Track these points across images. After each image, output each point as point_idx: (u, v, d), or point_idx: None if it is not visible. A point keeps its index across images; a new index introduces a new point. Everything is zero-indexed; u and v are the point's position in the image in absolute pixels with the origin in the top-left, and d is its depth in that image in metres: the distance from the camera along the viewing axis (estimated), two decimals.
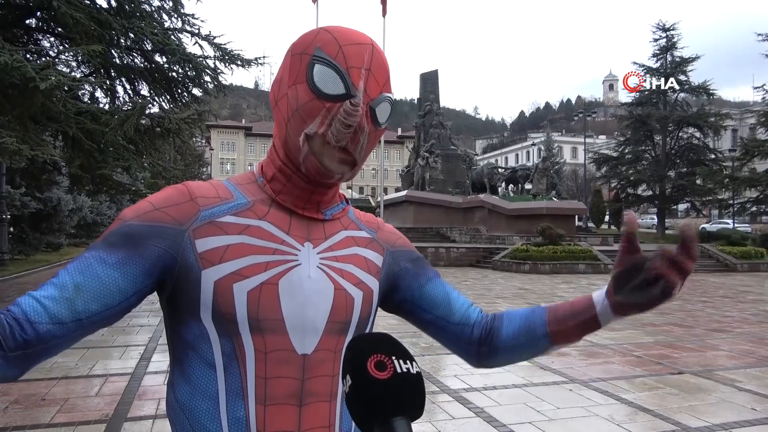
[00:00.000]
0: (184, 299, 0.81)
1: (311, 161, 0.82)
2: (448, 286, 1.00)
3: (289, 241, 0.85)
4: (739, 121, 55.78)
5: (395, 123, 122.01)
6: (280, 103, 0.85)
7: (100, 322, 0.77)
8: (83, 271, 0.75)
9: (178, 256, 0.80)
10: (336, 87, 0.80)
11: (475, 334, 0.97)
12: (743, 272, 20.37)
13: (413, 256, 1.00)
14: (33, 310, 0.72)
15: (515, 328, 0.95)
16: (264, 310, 0.80)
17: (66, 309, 0.73)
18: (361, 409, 0.62)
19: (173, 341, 0.86)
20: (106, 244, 0.78)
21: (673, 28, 39.28)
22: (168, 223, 0.80)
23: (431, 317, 0.97)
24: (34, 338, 0.71)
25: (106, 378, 5.03)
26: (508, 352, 0.96)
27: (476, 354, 0.98)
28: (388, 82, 0.85)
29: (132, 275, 0.77)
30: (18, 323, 0.71)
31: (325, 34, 0.82)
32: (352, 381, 0.63)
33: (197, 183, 0.88)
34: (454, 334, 0.97)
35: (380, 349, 0.65)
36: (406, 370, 0.64)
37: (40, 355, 0.73)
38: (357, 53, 0.81)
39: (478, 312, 1.00)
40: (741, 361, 6.12)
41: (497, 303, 10.80)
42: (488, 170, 33.61)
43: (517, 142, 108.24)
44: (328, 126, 0.80)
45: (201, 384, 0.81)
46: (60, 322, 0.72)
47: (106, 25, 9.18)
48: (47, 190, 18.41)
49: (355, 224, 0.96)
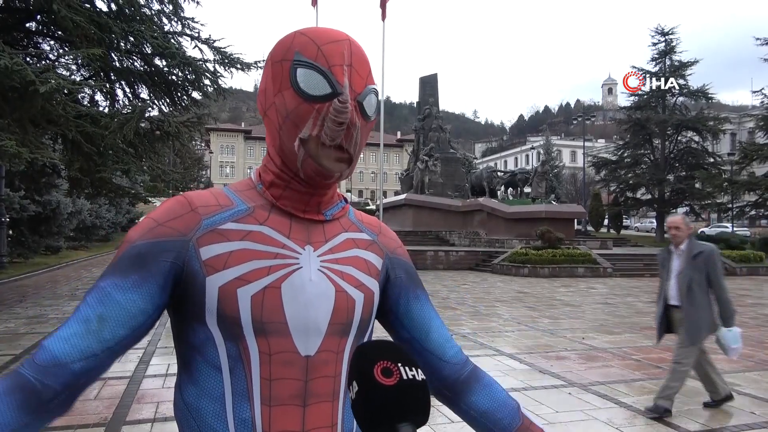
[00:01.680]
0: (189, 305, 0.83)
1: (309, 164, 0.83)
2: (434, 312, 1.00)
3: (290, 245, 0.86)
4: (737, 125, 55.88)
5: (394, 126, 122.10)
6: (269, 112, 0.86)
7: (129, 344, 0.79)
8: (103, 301, 0.77)
9: (185, 265, 0.82)
10: (322, 87, 0.81)
11: (446, 373, 0.96)
12: (742, 276, 20.34)
13: (409, 270, 1.01)
14: (62, 352, 0.73)
15: (484, 406, 0.95)
16: (267, 313, 0.82)
17: (95, 341, 0.75)
18: (367, 415, 0.63)
19: (180, 345, 0.88)
20: (119, 269, 0.80)
21: (672, 32, 39.40)
22: (172, 236, 0.82)
23: (408, 336, 0.97)
24: (70, 379, 0.73)
25: (105, 381, 5.02)
26: (464, 415, 0.96)
27: (436, 390, 0.97)
28: (370, 74, 0.86)
29: (149, 294, 0.79)
30: (47, 372, 0.72)
31: (301, 37, 0.83)
32: (358, 387, 0.64)
33: (197, 193, 0.89)
34: (425, 361, 0.96)
35: (386, 355, 0.66)
36: (412, 377, 0.65)
37: (82, 389, 0.76)
38: (336, 51, 0.82)
39: (456, 351, 0.98)
40: (740, 365, 6.12)
41: (496, 306, 10.80)
42: (487, 174, 33.58)
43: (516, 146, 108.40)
44: (320, 127, 0.81)
45: (207, 386, 0.83)
46: (92, 355, 0.74)
47: (106, 29, 9.19)
48: (46, 193, 18.40)
49: (356, 226, 0.97)
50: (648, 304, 11.71)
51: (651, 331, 8.27)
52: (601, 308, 10.90)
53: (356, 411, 0.64)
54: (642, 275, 19.34)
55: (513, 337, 7.62)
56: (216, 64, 11.12)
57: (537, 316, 9.68)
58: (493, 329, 8.16)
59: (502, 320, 9.12)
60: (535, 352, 6.65)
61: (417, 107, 40.00)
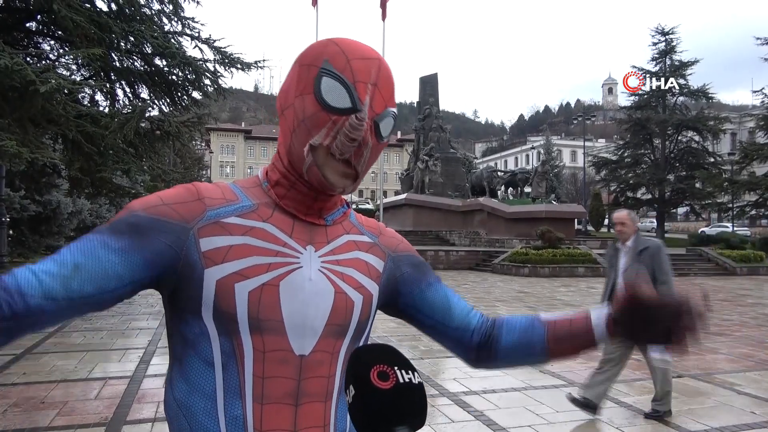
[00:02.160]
0: (185, 297, 0.82)
1: (314, 172, 0.83)
2: (449, 290, 1.01)
3: (291, 243, 0.86)
4: (738, 125, 55.88)
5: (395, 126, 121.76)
6: (287, 112, 0.86)
7: (91, 305, 0.77)
8: (85, 252, 0.76)
9: (182, 253, 0.81)
10: (342, 100, 0.81)
11: (474, 340, 0.99)
12: (742, 276, 20.36)
13: (415, 261, 1.01)
14: (27, 283, 0.72)
15: (514, 340, 0.97)
16: (264, 310, 0.81)
17: (61, 286, 0.73)
18: (364, 419, 0.63)
19: (173, 339, 0.87)
20: (112, 230, 0.79)
21: (672, 31, 39.39)
22: (174, 219, 0.82)
23: (432, 322, 0.99)
24: (23, 311, 0.71)
25: (106, 381, 5.03)
26: (505, 360, 0.99)
27: (475, 358, 1.00)
28: (392, 97, 0.86)
29: (132, 264, 0.78)
30: (9, 294, 0.71)
31: (334, 47, 0.83)
32: (355, 391, 0.64)
33: (205, 184, 0.89)
34: (454, 338, 0.99)
35: (383, 359, 0.66)
36: (409, 381, 0.65)
37: (26, 329, 0.74)
38: (364, 68, 0.82)
39: (479, 317, 1.01)
40: (740, 365, 6.12)
41: (496, 306, 10.80)
42: (488, 173, 33.60)
43: (516, 146, 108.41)
44: (333, 138, 0.81)
45: (199, 382, 0.82)
46: (52, 298, 0.73)
47: (106, 29, 9.19)
48: (47, 193, 18.41)
49: (357, 228, 0.97)
50: None
51: None
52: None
53: (353, 415, 0.64)
54: None
55: None
56: (216, 64, 11.12)
57: None
58: None
59: None
60: None
61: (417, 107, 40.00)
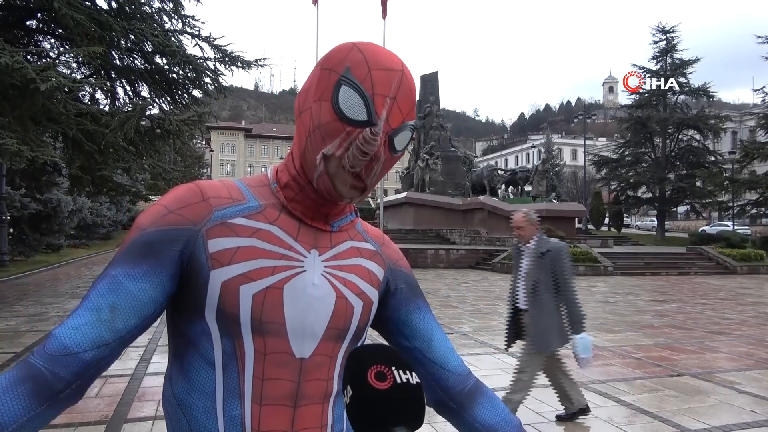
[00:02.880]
0: (190, 297, 0.82)
1: (324, 181, 0.83)
2: (435, 323, 1.00)
3: (296, 247, 0.86)
4: (738, 124, 55.81)
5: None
6: (304, 115, 0.85)
7: (139, 332, 0.80)
8: (114, 290, 0.77)
9: (192, 255, 0.81)
10: (359, 113, 0.79)
11: (450, 383, 0.95)
12: (743, 274, 20.35)
13: (410, 281, 1.01)
14: (73, 342, 0.73)
15: (491, 421, 0.94)
16: (267, 313, 0.82)
17: (107, 331, 0.75)
18: (362, 418, 0.63)
19: (174, 337, 0.88)
20: (130, 257, 0.79)
21: (673, 30, 39.37)
22: (183, 225, 0.82)
23: (410, 346, 0.96)
24: (81, 368, 0.73)
25: (106, 379, 5.03)
26: (467, 428, 0.95)
27: (441, 400, 0.96)
28: (412, 110, 0.84)
29: (160, 283, 0.79)
30: (57, 361, 0.72)
31: (357, 54, 0.81)
32: (353, 392, 0.64)
33: (209, 182, 0.89)
34: (428, 371, 0.96)
35: (380, 360, 0.66)
36: (406, 381, 0.64)
37: (93, 378, 0.76)
38: (385, 80, 0.80)
39: (459, 362, 0.98)
40: (740, 364, 6.12)
41: (497, 305, 10.80)
42: (488, 172, 33.60)
43: (516, 144, 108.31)
44: (345, 150, 0.80)
45: (199, 381, 0.83)
46: (104, 345, 0.75)
47: (107, 27, 9.19)
48: (47, 192, 18.41)
49: (361, 236, 0.97)
50: (649, 303, 11.72)
51: (652, 329, 8.28)
52: (602, 307, 10.90)
53: (351, 415, 0.63)
54: (643, 274, 19.34)
55: None
56: (216, 62, 11.13)
57: None
58: (494, 328, 8.15)
59: (503, 319, 9.10)
60: None
61: (418, 105, 39.96)
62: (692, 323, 9.02)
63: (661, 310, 10.64)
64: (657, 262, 21.28)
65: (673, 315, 9.90)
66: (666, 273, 19.91)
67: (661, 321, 9.16)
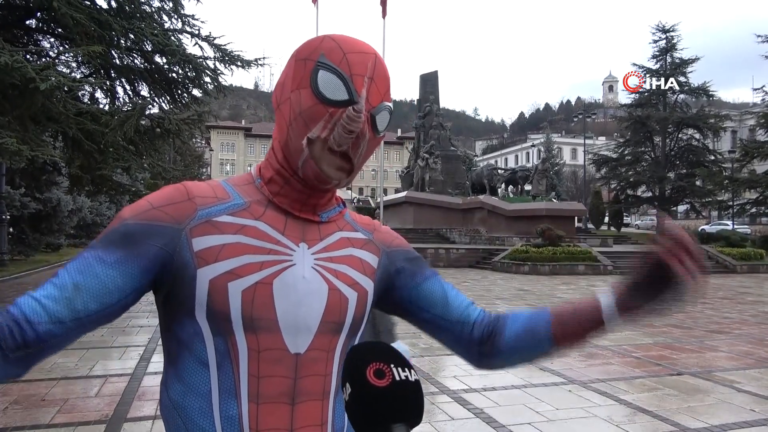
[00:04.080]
0: (179, 298, 0.82)
1: (310, 165, 0.83)
2: (446, 284, 1.00)
3: (284, 241, 0.86)
4: (738, 123, 55.82)
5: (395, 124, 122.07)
6: (282, 107, 0.86)
7: (99, 320, 0.78)
8: (83, 271, 0.76)
9: (175, 254, 0.81)
10: (339, 93, 0.81)
11: (476, 334, 0.96)
12: (742, 273, 20.38)
13: (410, 256, 1.00)
14: (32, 311, 0.73)
15: (518, 329, 0.94)
16: (258, 309, 0.81)
17: (65, 308, 0.74)
18: (361, 416, 0.63)
19: (167, 340, 0.87)
20: (105, 243, 0.79)
21: (673, 29, 39.40)
22: (165, 221, 0.81)
23: (429, 316, 0.97)
24: (33, 338, 0.72)
25: (106, 378, 5.03)
26: (510, 353, 0.96)
27: (477, 354, 0.97)
28: (388, 91, 0.87)
29: (130, 274, 0.78)
30: (17, 324, 0.72)
31: (330, 42, 0.84)
32: (351, 389, 0.64)
33: (195, 183, 0.88)
34: (453, 333, 0.97)
35: (379, 357, 0.66)
36: (405, 378, 0.64)
37: (41, 354, 0.75)
38: (360, 61, 0.82)
39: (479, 311, 0.99)
40: (740, 363, 6.13)
41: (497, 304, 10.81)
42: (488, 171, 33.63)
43: (516, 143, 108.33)
44: (330, 131, 0.81)
45: (194, 383, 0.82)
46: (60, 321, 0.74)
47: (106, 26, 9.18)
48: (47, 191, 18.42)
49: (350, 225, 0.96)
50: None
51: (651, 328, 8.28)
52: None
53: (350, 413, 0.63)
54: None
55: None
56: (216, 62, 11.12)
57: None
58: None
59: None
60: None
61: (417, 105, 39.99)
62: (692, 322, 9.03)
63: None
64: None
65: (673, 314, 9.90)
66: None
67: (661, 320, 9.15)
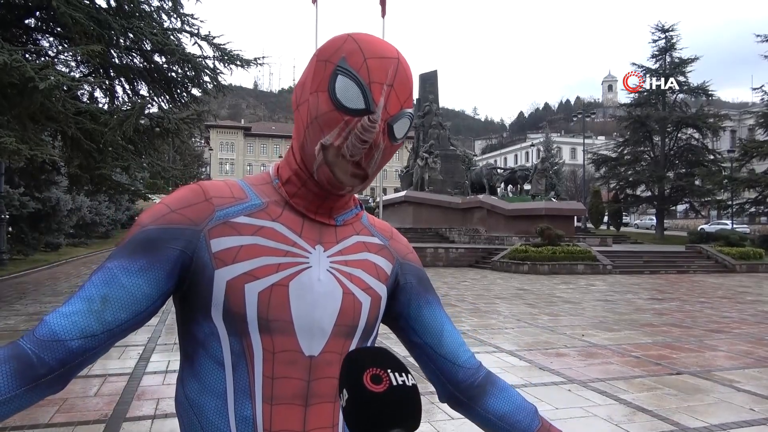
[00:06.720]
0: (196, 298, 0.82)
1: (324, 171, 0.82)
2: (446, 317, 0.99)
3: (300, 243, 0.86)
4: (737, 122, 55.82)
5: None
6: (301, 108, 0.85)
7: (130, 328, 0.78)
8: (109, 282, 0.77)
9: (194, 256, 0.81)
10: (356, 101, 0.79)
11: (460, 378, 0.95)
12: (742, 273, 20.38)
13: (420, 275, 1.00)
14: (62, 329, 0.73)
15: (504, 410, 0.93)
16: (273, 311, 0.81)
17: (96, 322, 0.74)
18: (358, 422, 0.62)
19: (184, 338, 0.87)
20: (128, 252, 0.79)
21: (672, 29, 39.41)
22: (184, 224, 0.81)
23: (419, 342, 0.96)
24: (67, 356, 0.72)
25: (105, 378, 5.03)
26: (481, 420, 0.95)
27: (452, 395, 0.97)
28: (410, 97, 0.84)
29: (156, 280, 0.79)
30: (45, 346, 0.72)
31: (352, 44, 0.81)
32: (348, 395, 0.64)
33: (212, 182, 0.88)
34: (436, 365, 0.96)
35: (376, 362, 0.65)
36: (402, 383, 0.64)
37: (79, 367, 0.75)
38: (381, 67, 0.80)
39: (470, 356, 0.98)
40: (739, 362, 6.12)
41: (496, 303, 10.81)
42: (487, 171, 33.67)
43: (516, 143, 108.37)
44: (344, 139, 0.80)
45: (210, 382, 0.82)
46: (91, 335, 0.74)
47: (106, 25, 9.18)
48: (46, 190, 18.40)
49: (367, 230, 0.96)
50: (648, 302, 11.73)
51: (650, 328, 8.29)
52: (601, 305, 10.91)
53: (347, 419, 0.63)
54: (642, 272, 19.37)
55: (513, 334, 7.63)
56: (215, 61, 11.13)
57: (537, 313, 9.68)
58: (493, 326, 8.16)
59: (502, 317, 9.13)
60: (535, 349, 6.65)
61: (417, 104, 39.93)
62: (691, 321, 9.03)
63: (660, 308, 10.65)
64: (656, 261, 21.30)
65: (672, 313, 9.91)
66: (665, 271, 19.93)
67: (660, 319, 9.17)
